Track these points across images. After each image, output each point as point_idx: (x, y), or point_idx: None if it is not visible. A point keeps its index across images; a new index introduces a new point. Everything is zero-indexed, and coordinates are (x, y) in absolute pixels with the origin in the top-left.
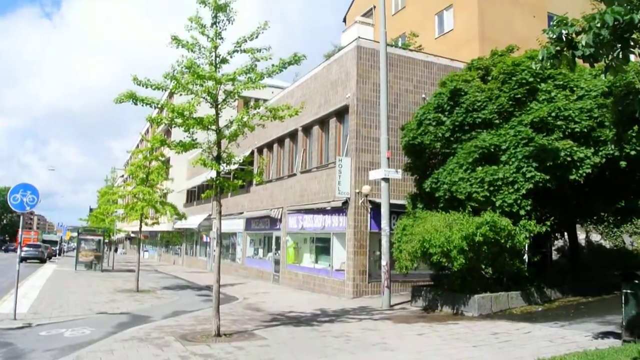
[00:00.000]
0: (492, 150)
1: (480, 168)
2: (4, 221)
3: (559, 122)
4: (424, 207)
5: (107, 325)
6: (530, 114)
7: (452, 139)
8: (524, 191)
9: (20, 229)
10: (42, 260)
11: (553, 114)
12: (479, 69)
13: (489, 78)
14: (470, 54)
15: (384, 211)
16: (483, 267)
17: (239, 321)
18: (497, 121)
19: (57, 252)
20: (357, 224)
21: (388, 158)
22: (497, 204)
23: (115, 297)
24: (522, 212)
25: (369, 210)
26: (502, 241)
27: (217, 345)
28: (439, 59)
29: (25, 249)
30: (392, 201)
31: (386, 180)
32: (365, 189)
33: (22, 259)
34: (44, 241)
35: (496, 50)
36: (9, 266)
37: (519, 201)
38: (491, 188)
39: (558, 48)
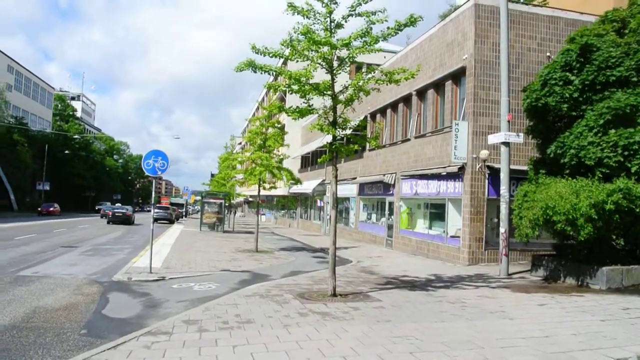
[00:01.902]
0: (628, 111)
1: (613, 131)
2: (137, 185)
3: None
4: (547, 173)
5: (231, 281)
6: None
7: (580, 99)
8: None
9: (153, 192)
10: (171, 222)
11: None
12: (614, 22)
13: (626, 31)
14: (604, 5)
15: (504, 177)
16: (614, 237)
17: (354, 283)
18: (634, 79)
19: (184, 214)
20: (474, 189)
21: (509, 121)
22: (633, 169)
23: (236, 256)
24: None
25: (487, 175)
26: (637, 210)
27: (334, 305)
28: (566, 13)
29: (156, 211)
30: (512, 167)
31: (506, 144)
32: (483, 153)
33: (155, 220)
34: (171, 204)
35: (635, 0)
36: (143, 226)
37: None
38: (625, 153)
39: None
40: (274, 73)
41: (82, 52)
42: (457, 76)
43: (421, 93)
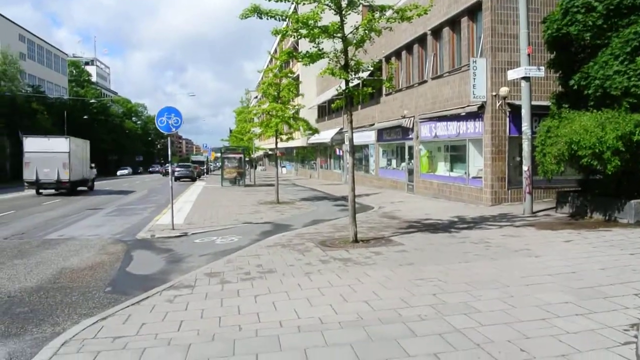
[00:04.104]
0: None
1: None
2: (158, 146)
3: None
4: (570, 107)
5: (253, 233)
6: None
7: (605, 27)
8: None
9: (168, 149)
10: (193, 179)
11: None
12: None
13: None
14: None
15: (525, 113)
16: None
17: (376, 228)
18: None
19: (205, 171)
20: (495, 128)
21: (529, 55)
22: None
23: (258, 208)
24: None
25: (507, 113)
26: None
27: (355, 251)
28: None
29: (177, 169)
30: (533, 102)
31: (527, 79)
32: (503, 90)
33: (176, 178)
34: (192, 162)
35: None
36: (166, 184)
37: None
38: None
39: None
40: (281, 18)
41: (89, 15)
42: (473, 11)
43: (436, 32)
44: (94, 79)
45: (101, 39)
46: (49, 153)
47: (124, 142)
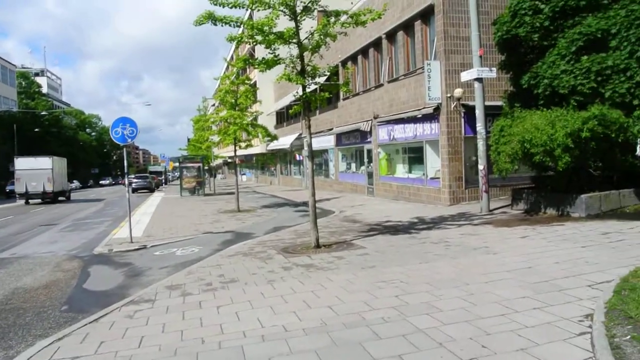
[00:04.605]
0: (600, 36)
1: (585, 57)
2: (114, 157)
3: None
4: (522, 106)
5: (214, 243)
6: None
7: (551, 28)
8: (638, 78)
9: (125, 160)
10: (151, 190)
11: None
12: None
13: None
14: None
15: (479, 113)
16: (591, 165)
17: (337, 232)
18: (605, 1)
19: (163, 181)
20: (451, 129)
21: (480, 56)
22: (607, 95)
23: (218, 217)
24: (636, 102)
25: (462, 114)
26: (613, 135)
27: (317, 256)
28: None
29: (135, 181)
30: (487, 103)
31: (479, 80)
32: (457, 92)
33: (134, 190)
34: (150, 172)
35: None
36: (123, 198)
37: (632, 90)
38: (599, 78)
39: None
40: (235, 24)
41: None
42: (426, 15)
43: (391, 36)
44: (44, 90)
45: (51, 49)
46: (35, 170)
47: (79, 154)
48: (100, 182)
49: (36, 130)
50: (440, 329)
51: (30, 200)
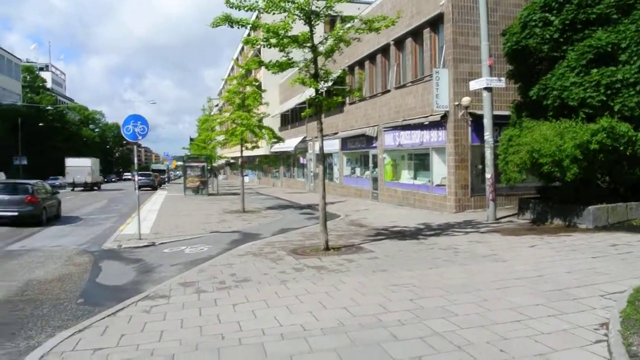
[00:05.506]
0: (609, 49)
1: (595, 70)
2: (117, 154)
3: None
4: (530, 117)
5: (222, 242)
6: None
7: (561, 40)
8: None
9: (134, 158)
10: (154, 188)
11: None
12: None
13: None
14: None
15: (487, 122)
16: (599, 177)
17: (345, 236)
18: (615, 16)
19: (166, 180)
20: (458, 137)
21: (490, 66)
22: (616, 108)
23: (224, 217)
24: None
25: (469, 122)
26: (621, 148)
27: (328, 258)
28: None
29: (139, 178)
30: (495, 112)
31: (488, 89)
32: (465, 100)
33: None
34: (153, 170)
35: None
36: (126, 194)
37: None
38: (608, 92)
39: None
40: (252, 28)
41: (43, 19)
42: (435, 23)
43: (399, 43)
44: (49, 85)
45: (56, 44)
46: (80, 167)
47: (82, 150)
48: (105, 179)
49: (40, 124)
50: (457, 332)
51: (75, 188)
